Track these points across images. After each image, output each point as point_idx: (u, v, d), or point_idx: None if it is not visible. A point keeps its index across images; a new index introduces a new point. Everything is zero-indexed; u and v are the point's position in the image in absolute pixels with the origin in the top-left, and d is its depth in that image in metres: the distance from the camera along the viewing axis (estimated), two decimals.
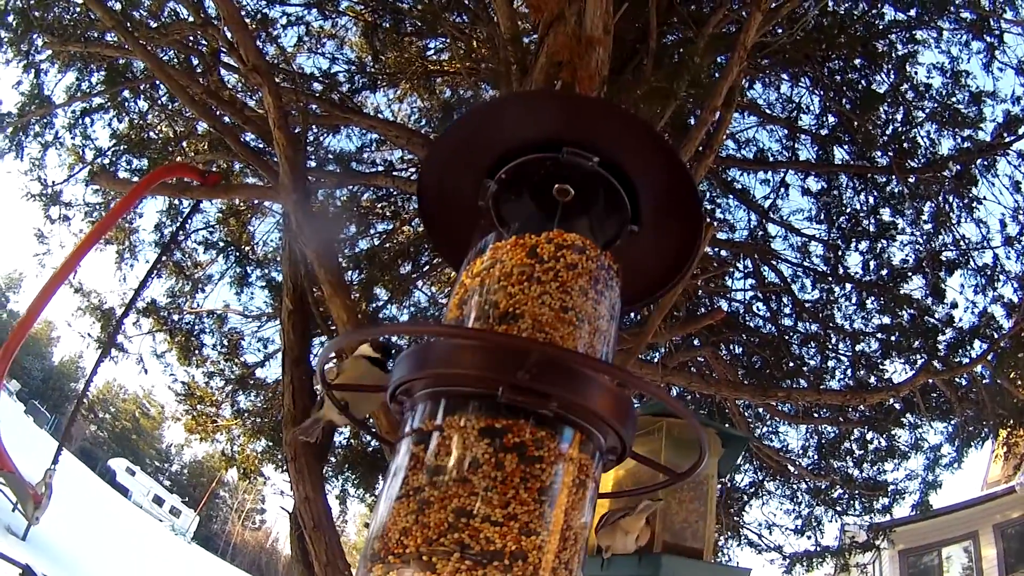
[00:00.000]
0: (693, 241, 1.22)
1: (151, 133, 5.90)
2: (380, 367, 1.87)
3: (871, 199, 5.60)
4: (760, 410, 6.14)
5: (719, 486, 6.13)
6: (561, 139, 1.12)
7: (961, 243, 5.29)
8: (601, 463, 0.99)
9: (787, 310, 5.92)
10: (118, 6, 4.59)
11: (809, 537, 6.40)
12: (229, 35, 4.06)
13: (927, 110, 5.19)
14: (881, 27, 5.14)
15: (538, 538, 0.84)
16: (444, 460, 0.88)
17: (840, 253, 5.66)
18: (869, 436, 5.91)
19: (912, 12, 5.18)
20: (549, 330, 0.98)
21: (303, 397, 3.46)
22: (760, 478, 6.56)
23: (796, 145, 5.74)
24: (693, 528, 2.19)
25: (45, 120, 5.59)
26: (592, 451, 0.96)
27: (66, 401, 45.02)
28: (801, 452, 6.30)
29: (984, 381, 4.97)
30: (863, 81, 5.31)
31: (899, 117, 5.29)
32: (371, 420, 3.51)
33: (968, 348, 4.93)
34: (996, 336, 4.87)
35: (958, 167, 5.05)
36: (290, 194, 3.26)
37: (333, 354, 2.06)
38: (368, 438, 5.93)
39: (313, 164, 5.45)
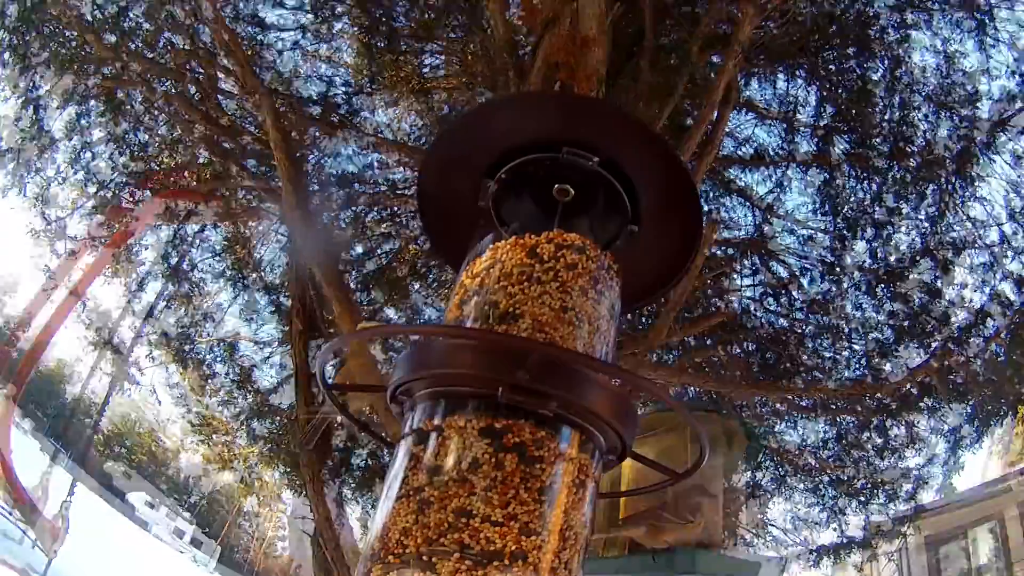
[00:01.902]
0: (693, 240, 1.21)
1: (152, 164, 5.93)
2: None
3: (874, 187, 5.57)
4: (778, 406, 6.10)
5: (744, 484, 6.13)
6: (561, 139, 1.13)
7: (967, 223, 5.26)
8: (601, 463, 0.98)
9: (797, 304, 5.89)
10: (113, 39, 4.63)
11: (835, 529, 6.35)
12: (226, 63, 4.10)
13: (923, 92, 5.17)
14: (871, 13, 5.14)
15: (538, 538, 0.84)
16: (444, 460, 0.88)
17: (846, 243, 5.63)
18: (888, 424, 5.86)
19: None
20: (549, 330, 0.98)
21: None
22: (782, 473, 6.52)
23: (795, 139, 5.73)
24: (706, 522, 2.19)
25: (46, 155, 5.63)
26: (592, 451, 0.95)
27: (81, 437, 45.08)
28: (821, 445, 6.26)
29: (999, 359, 4.93)
30: (858, 69, 5.30)
31: (896, 101, 5.27)
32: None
33: (981, 328, 4.90)
34: (1008, 313, 4.84)
35: (958, 147, 5.03)
36: (293, 212, 3.29)
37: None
38: (387, 456, 5.92)
39: (316, 187, 5.47)
